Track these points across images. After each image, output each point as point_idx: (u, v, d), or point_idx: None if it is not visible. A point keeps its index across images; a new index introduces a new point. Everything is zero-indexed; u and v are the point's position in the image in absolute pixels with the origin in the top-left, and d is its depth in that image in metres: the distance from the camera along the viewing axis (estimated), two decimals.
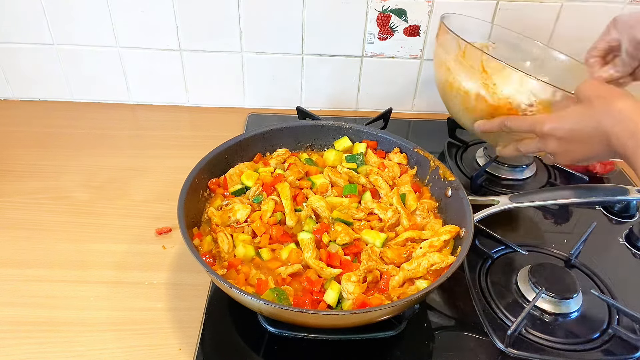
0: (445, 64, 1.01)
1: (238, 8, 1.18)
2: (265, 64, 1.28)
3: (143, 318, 0.81)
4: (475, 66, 0.93)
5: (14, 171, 1.10)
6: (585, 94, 0.75)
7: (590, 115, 0.73)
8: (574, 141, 0.76)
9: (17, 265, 0.89)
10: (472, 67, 0.93)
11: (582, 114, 0.75)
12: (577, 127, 0.75)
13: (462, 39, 0.94)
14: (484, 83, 0.92)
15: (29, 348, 0.76)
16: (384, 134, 1.03)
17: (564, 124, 0.77)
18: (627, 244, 0.99)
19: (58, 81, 1.30)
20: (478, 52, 0.91)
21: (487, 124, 0.92)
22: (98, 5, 1.17)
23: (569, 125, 0.76)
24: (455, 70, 0.98)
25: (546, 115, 0.80)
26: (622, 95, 0.71)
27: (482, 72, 0.92)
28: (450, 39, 0.97)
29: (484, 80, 0.92)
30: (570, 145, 0.77)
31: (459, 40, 0.95)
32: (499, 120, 0.89)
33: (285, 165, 0.99)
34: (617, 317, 0.83)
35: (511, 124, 0.86)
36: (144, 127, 1.29)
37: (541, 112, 0.87)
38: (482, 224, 0.92)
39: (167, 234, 0.96)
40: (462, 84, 0.96)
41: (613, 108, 0.70)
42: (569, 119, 0.76)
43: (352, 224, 0.87)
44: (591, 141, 0.74)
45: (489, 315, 0.83)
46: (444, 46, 1.02)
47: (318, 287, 0.76)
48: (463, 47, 0.95)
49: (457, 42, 0.95)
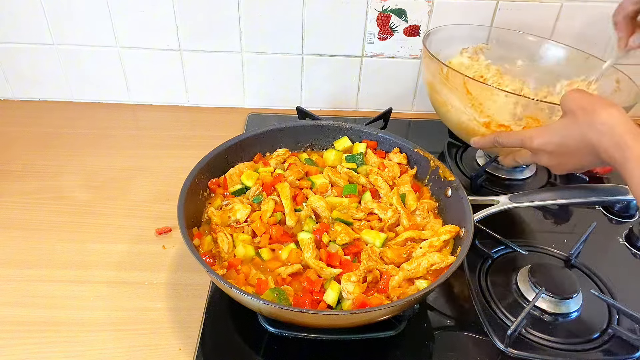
0: (432, 85, 1.02)
1: (238, 8, 1.18)
2: (265, 64, 1.28)
3: (143, 318, 0.81)
4: (459, 88, 0.93)
5: (14, 171, 1.10)
6: (569, 106, 0.74)
7: (575, 129, 0.72)
8: (564, 154, 0.76)
9: (17, 265, 0.89)
10: (456, 89, 0.93)
11: (566, 127, 0.74)
12: (564, 141, 0.74)
13: (443, 63, 0.93)
14: (471, 103, 0.92)
15: (29, 348, 0.76)
16: (384, 134, 1.03)
17: (552, 139, 0.76)
18: (627, 244, 0.99)
19: (58, 81, 1.30)
20: (460, 75, 0.91)
21: (482, 140, 0.91)
22: (98, 5, 1.17)
23: (556, 139, 0.75)
24: (442, 92, 0.98)
25: (534, 130, 0.80)
26: (605, 105, 0.70)
27: (467, 94, 0.92)
28: (433, 62, 0.97)
29: (470, 101, 0.92)
30: (561, 158, 0.77)
31: (440, 64, 0.94)
32: (491, 137, 0.88)
33: (285, 165, 0.99)
34: (617, 317, 0.83)
35: (502, 140, 0.86)
36: (144, 127, 1.29)
37: (530, 124, 0.87)
38: (482, 224, 0.92)
39: (167, 234, 0.96)
40: (451, 104, 0.97)
41: (596, 120, 0.69)
42: (556, 133, 0.75)
43: (352, 224, 0.87)
44: (580, 153, 0.73)
45: (489, 315, 0.83)
46: (428, 68, 1.02)
47: (318, 287, 0.76)
48: (445, 71, 0.95)
49: (439, 66, 0.95)
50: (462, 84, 0.91)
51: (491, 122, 0.91)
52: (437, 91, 1.00)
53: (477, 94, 0.90)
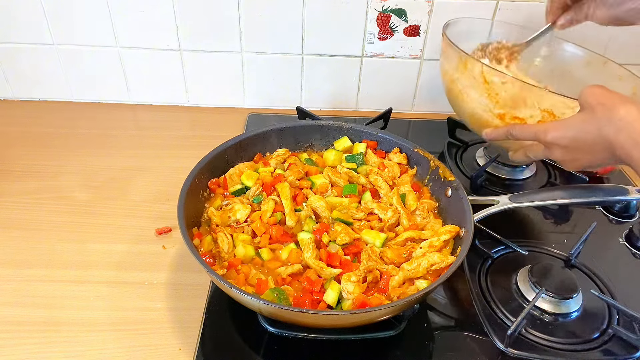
0: (449, 74, 1.01)
1: (238, 8, 1.18)
2: (265, 64, 1.28)
3: (143, 318, 0.81)
4: (476, 77, 0.92)
5: (14, 171, 1.10)
6: (587, 101, 0.73)
7: (592, 124, 0.71)
8: (578, 149, 0.75)
9: (17, 265, 0.89)
10: (474, 78, 0.93)
11: (584, 121, 0.73)
12: (580, 136, 0.74)
13: (462, 51, 0.93)
14: (488, 93, 0.92)
15: (29, 348, 0.76)
16: (384, 134, 1.03)
17: (567, 133, 0.75)
18: (627, 244, 0.99)
19: (58, 81, 1.30)
20: (478, 63, 0.91)
21: (494, 132, 0.90)
22: (98, 5, 1.17)
23: (571, 133, 0.75)
24: (459, 80, 0.98)
25: (549, 124, 0.79)
26: (625, 101, 0.69)
27: (484, 83, 0.91)
28: (451, 50, 0.97)
29: (487, 91, 0.92)
30: (575, 154, 0.76)
31: (460, 53, 0.94)
32: (504, 129, 0.87)
33: (285, 165, 0.99)
34: (617, 317, 0.83)
35: (516, 133, 0.85)
36: (144, 127, 1.29)
37: (546, 119, 0.86)
38: (482, 224, 0.92)
39: (167, 234, 0.96)
40: (467, 93, 0.96)
41: (615, 116, 0.68)
42: (572, 127, 0.75)
43: (352, 224, 0.87)
44: (595, 149, 0.73)
45: (489, 315, 0.83)
46: (446, 56, 1.02)
47: (318, 287, 0.76)
48: (464, 59, 0.94)
49: (458, 54, 0.95)
50: (480, 73, 0.90)
51: (506, 114, 0.90)
52: (454, 80, 0.98)
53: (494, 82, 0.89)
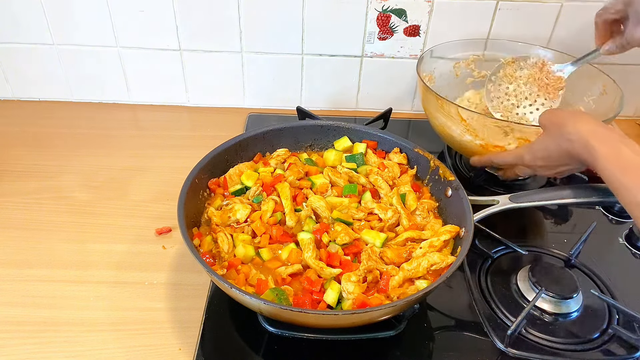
0: (429, 111, 1.06)
1: (238, 8, 1.18)
2: (265, 64, 1.28)
3: (143, 318, 0.81)
4: (454, 116, 0.98)
5: (14, 171, 1.10)
6: (544, 124, 0.84)
7: (552, 141, 0.81)
8: (554, 164, 0.84)
9: (17, 265, 0.89)
10: (451, 117, 0.99)
11: (544, 141, 0.84)
12: (548, 154, 0.83)
13: (437, 95, 0.99)
14: (467, 129, 0.98)
15: (29, 348, 0.76)
16: (384, 134, 1.03)
17: (537, 154, 0.85)
18: (627, 244, 0.99)
19: (58, 81, 1.30)
20: (453, 105, 0.97)
21: (480, 160, 0.99)
22: (98, 5, 1.17)
23: (540, 154, 0.85)
24: (439, 118, 1.03)
25: (522, 149, 0.89)
26: (572, 116, 0.79)
27: (462, 121, 0.97)
28: (427, 92, 1.02)
29: (466, 127, 0.97)
30: (553, 167, 0.85)
31: (435, 95, 0.99)
32: (487, 157, 0.97)
33: (285, 165, 0.99)
34: (617, 317, 0.83)
35: (498, 160, 0.95)
36: (144, 127, 1.29)
37: (522, 144, 0.93)
38: (482, 224, 0.92)
39: (167, 234, 0.96)
40: (449, 128, 1.01)
41: (565, 131, 0.78)
42: (539, 148, 0.85)
43: (352, 224, 0.87)
44: (564, 160, 0.82)
45: (489, 315, 0.83)
46: (425, 96, 1.07)
47: (318, 287, 0.76)
48: (440, 101, 0.99)
49: (434, 96, 1.00)
50: (456, 112, 0.97)
51: (488, 145, 0.98)
52: (435, 117, 1.05)
53: (470, 120, 0.97)
